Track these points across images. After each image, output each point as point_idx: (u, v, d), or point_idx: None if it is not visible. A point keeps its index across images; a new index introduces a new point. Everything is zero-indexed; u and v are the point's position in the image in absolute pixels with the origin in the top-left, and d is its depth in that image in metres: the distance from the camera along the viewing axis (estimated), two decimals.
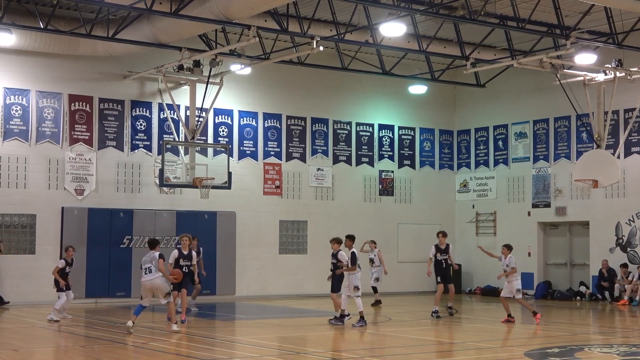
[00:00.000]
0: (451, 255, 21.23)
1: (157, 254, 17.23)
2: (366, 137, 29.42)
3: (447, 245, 21.26)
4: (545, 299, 27.11)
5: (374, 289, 24.22)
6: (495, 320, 20.77)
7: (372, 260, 24.45)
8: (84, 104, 24.78)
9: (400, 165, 30.06)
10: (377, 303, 23.63)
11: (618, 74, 24.07)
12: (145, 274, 17.13)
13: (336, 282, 18.94)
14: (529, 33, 22.78)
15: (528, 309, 19.76)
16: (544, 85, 27.24)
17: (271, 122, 27.61)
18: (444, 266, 21.16)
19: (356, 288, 18.76)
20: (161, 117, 25.80)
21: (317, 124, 28.48)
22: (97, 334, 16.91)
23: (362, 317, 18.54)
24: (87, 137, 24.74)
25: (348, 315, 18.81)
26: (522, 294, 19.80)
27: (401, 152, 30.09)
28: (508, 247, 20.01)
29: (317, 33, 22.38)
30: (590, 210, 26.89)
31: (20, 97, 23.91)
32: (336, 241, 18.99)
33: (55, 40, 23.05)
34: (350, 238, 19.28)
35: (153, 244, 17.52)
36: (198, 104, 24.91)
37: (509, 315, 19.61)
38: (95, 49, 23.77)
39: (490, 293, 28.60)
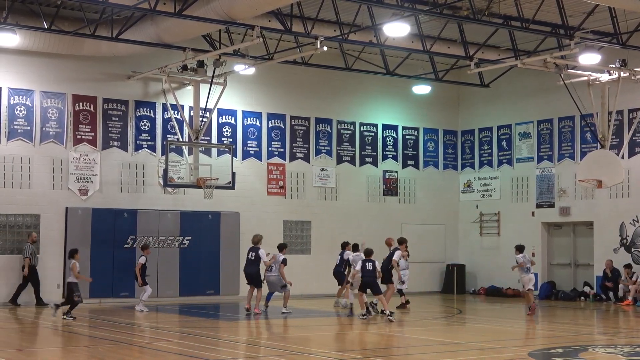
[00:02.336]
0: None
1: (282, 257, 21.38)
2: (370, 137, 29.42)
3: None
4: (549, 299, 27.08)
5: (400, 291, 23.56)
6: (500, 320, 20.76)
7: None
8: (88, 104, 24.80)
9: (404, 165, 30.05)
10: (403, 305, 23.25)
11: (622, 74, 24.03)
12: (268, 271, 21.39)
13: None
14: (533, 33, 22.76)
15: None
16: (548, 86, 27.21)
17: (275, 122, 27.62)
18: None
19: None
20: (165, 117, 25.82)
21: (320, 124, 28.48)
22: (101, 334, 16.93)
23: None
24: (91, 138, 24.76)
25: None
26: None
27: (405, 152, 30.08)
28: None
29: (320, 33, 22.37)
30: (595, 210, 26.86)
31: (24, 97, 23.94)
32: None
33: (59, 40, 23.08)
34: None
35: (282, 247, 21.91)
36: (202, 104, 24.92)
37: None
38: (99, 50, 23.80)
39: (494, 293, 28.60)
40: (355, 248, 22.40)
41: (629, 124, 25.84)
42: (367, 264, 20.15)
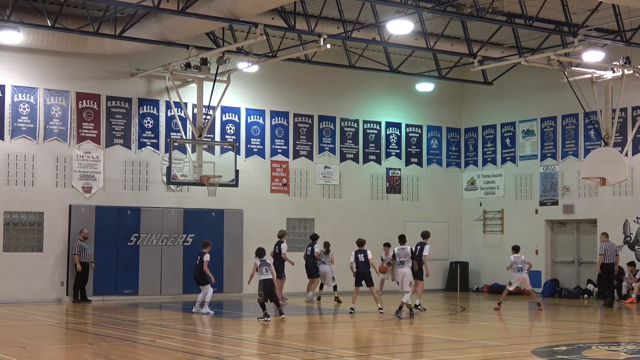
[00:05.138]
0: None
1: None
2: (373, 135, 29.41)
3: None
4: (552, 297, 27.08)
5: None
6: (503, 318, 20.77)
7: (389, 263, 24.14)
8: (92, 102, 24.82)
9: (408, 163, 30.04)
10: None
11: (626, 72, 23.99)
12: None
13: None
14: (537, 31, 22.73)
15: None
16: (551, 83, 27.19)
17: (278, 120, 27.62)
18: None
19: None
20: (168, 115, 25.83)
21: (324, 122, 28.48)
22: (105, 332, 16.95)
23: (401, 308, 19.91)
24: (94, 135, 24.78)
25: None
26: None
27: (408, 150, 30.07)
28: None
29: (324, 31, 22.37)
30: (598, 208, 26.84)
31: (27, 95, 23.96)
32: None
33: (63, 38, 23.10)
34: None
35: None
36: (205, 102, 24.93)
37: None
38: (102, 47, 23.81)
39: (498, 291, 28.53)
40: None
41: (632, 122, 25.80)
42: (359, 255, 20.74)
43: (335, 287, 24.13)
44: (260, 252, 19.39)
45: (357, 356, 14.16)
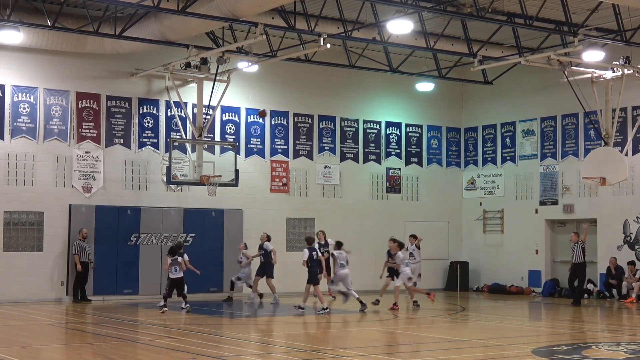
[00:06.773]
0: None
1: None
2: (373, 135, 29.41)
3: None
4: (552, 296, 27.08)
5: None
6: (503, 317, 20.76)
7: (410, 254, 23.50)
8: (92, 101, 24.82)
9: (408, 162, 30.04)
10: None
11: (626, 71, 24.00)
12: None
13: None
14: (537, 30, 22.73)
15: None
16: (551, 83, 27.19)
17: (278, 120, 27.61)
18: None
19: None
20: (168, 114, 25.83)
21: (324, 122, 28.48)
22: (105, 332, 16.95)
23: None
24: (94, 135, 24.78)
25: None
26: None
27: (408, 149, 30.07)
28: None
29: (324, 30, 22.37)
30: (598, 207, 26.84)
31: (27, 94, 23.96)
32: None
33: (63, 38, 23.11)
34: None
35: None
36: (205, 102, 24.93)
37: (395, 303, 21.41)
38: (102, 47, 23.81)
39: (498, 291, 28.58)
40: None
41: (632, 121, 25.80)
42: (313, 253, 20.96)
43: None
44: (172, 251, 20.50)
45: (357, 356, 14.15)
